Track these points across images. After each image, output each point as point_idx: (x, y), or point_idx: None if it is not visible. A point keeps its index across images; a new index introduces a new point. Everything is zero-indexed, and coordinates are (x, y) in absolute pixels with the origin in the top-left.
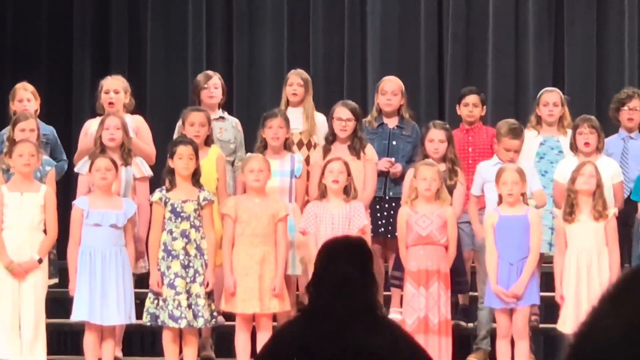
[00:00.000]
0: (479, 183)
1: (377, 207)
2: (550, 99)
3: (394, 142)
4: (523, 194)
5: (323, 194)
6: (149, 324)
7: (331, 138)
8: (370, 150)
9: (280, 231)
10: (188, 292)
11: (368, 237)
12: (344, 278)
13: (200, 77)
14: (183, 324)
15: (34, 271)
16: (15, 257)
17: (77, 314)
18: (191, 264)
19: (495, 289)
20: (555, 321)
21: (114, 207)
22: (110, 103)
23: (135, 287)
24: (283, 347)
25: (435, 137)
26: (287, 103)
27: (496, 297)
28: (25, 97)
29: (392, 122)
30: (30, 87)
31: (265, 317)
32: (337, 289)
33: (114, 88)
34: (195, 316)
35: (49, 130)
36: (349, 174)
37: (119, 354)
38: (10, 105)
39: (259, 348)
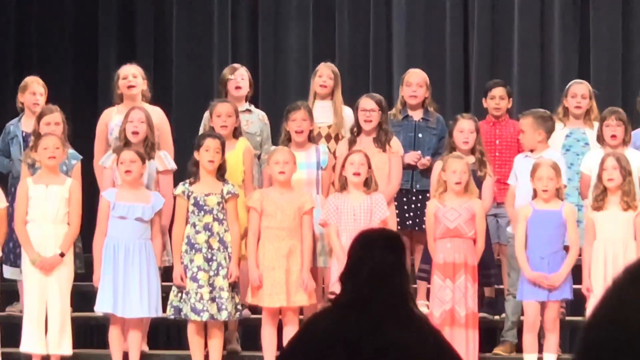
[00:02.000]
0: (514, 173)
1: (404, 199)
2: (579, 90)
3: (420, 135)
4: (558, 189)
5: (343, 186)
6: (172, 317)
7: (356, 130)
8: (395, 143)
9: (305, 224)
10: (211, 285)
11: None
12: (381, 268)
13: (226, 69)
14: (205, 317)
15: (59, 265)
16: (40, 250)
17: (100, 306)
18: (214, 257)
19: (532, 276)
20: (582, 314)
21: (141, 200)
22: (130, 86)
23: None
24: (317, 335)
25: (466, 128)
26: (315, 96)
27: (529, 290)
28: (39, 91)
29: (417, 115)
30: (41, 82)
31: (292, 311)
32: (374, 279)
33: (132, 72)
34: (219, 309)
35: None
36: (369, 167)
37: (145, 347)
38: (18, 98)
39: (285, 342)
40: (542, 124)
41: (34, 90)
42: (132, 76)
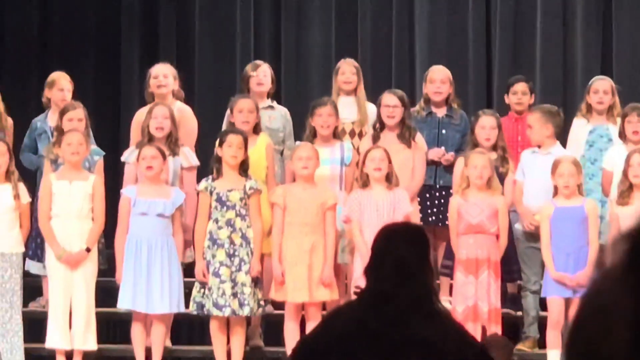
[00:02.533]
0: (521, 170)
1: (427, 195)
2: (601, 86)
3: (444, 131)
4: (579, 185)
5: (365, 182)
6: (195, 312)
7: (379, 126)
8: (420, 139)
9: (328, 220)
10: (234, 280)
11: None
12: (404, 261)
13: (249, 66)
14: (227, 312)
15: (85, 261)
16: (65, 245)
17: (122, 302)
18: (236, 253)
19: (556, 276)
20: None
21: (162, 196)
22: (160, 86)
23: (183, 276)
24: (339, 327)
25: (487, 124)
26: (338, 92)
27: (554, 286)
28: (66, 87)
29: (440, 112)
30: (68, 77)
31: (314, 306)
32: (398, 272)
33: (163, 72)
34: (241, 305)
35: None
36: (389, 162)
37: (168, 343)
38: (45, 93)
39: None
40: (550, 119)
41: (62, 86)
42: (162, 76)
